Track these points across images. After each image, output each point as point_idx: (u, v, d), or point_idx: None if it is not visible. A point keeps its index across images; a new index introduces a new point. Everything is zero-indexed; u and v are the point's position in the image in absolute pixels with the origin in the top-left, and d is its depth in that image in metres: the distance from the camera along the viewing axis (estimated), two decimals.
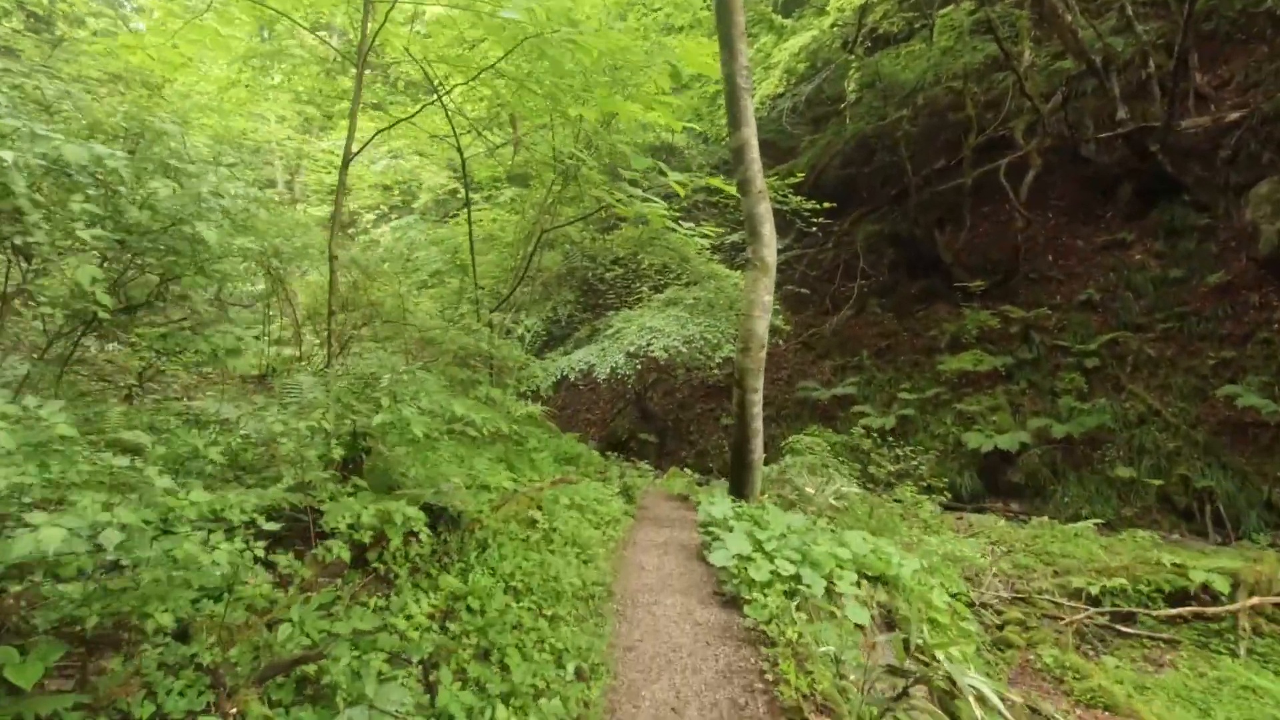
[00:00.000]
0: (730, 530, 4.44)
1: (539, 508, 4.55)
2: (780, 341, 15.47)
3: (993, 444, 11.33)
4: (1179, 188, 13.15)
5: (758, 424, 6.38)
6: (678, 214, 8.74)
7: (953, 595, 5.80)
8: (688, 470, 13.74)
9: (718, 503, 4.75)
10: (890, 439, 12.84)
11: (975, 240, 15.66)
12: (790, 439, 9.40)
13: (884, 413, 13.19)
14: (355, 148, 5.84)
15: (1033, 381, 12.47)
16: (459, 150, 6.86)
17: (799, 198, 9.74)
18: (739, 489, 6.35)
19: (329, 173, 14.67)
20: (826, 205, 10.49)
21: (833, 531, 4.77)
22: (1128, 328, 12.26)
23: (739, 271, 10.54)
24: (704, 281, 10.85)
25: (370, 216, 22.41)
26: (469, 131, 6.90)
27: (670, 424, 15.38)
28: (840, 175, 19.03)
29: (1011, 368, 12.68)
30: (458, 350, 5.65)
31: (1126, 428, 11.01)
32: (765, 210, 5.68)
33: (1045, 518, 9.70)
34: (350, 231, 26.46)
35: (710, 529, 4.80)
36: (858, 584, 4.12)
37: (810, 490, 5.58)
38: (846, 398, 13.77)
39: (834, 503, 5.41)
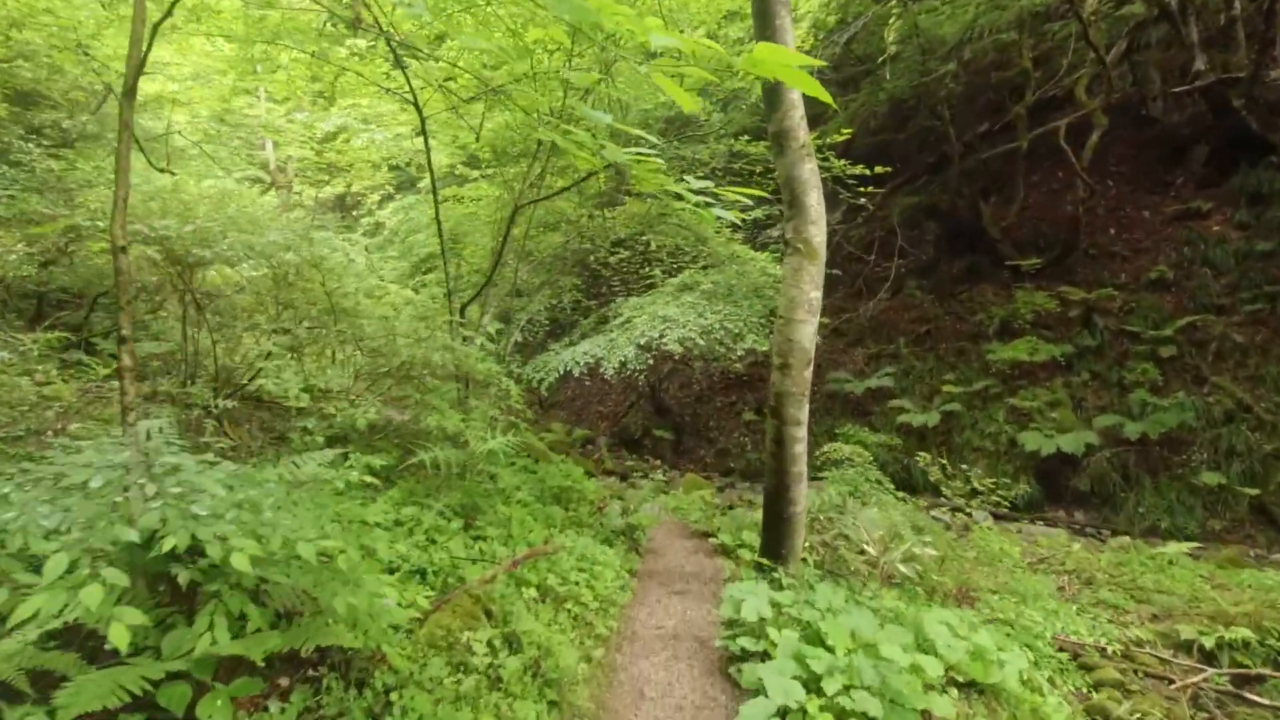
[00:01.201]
0: (771, 646, 3.13)
1: (487, 612, 3.33)
2: None
3: (1054, 446, 9.95)
4: (1265, 148, 11.52)
5: (800, 466, 4.43)
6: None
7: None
8: (707, 475, 12.51)
9: (749, 595, 3.38)
10: (934, 439, 11.53)
11: (1024, 213, 14.09)
12: (827, 447, 8.09)
13: (924, 408, 11.83)
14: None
15: (1096, 373, 11.03)
16: (415, 106, 5.55)
17: (842, 161, 8.31)
18: (774, 549, 4.62)
19: (312, 149, 13.45)
20: (878, 170, 8.98)
21: (907, 604, 3.54)
22: (1208, 310, 10.76)
23: (764, 253, 9.13)
24: (724, 265, 9.49)
25: (375, 197, 21.30)
26: (430, 87, 5.63)
27: (687, 419, 14.13)
28: (872, 143, 17.46)
29: (1071, 357, 11.23)
30: (405, 363, 4.44)
31: (1212, 426, 9.58)
32: (809, 173, 3.89)
33: (1127, 537, 8.36)
34: (355, 214, 25.41)
35: (739, 639, 3.44)
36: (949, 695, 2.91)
37: (872, 550, 4.32)
38: (882, 390, 12.41)
39: (902, 568, 4.13)
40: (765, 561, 4.57)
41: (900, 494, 7.85)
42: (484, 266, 10.30)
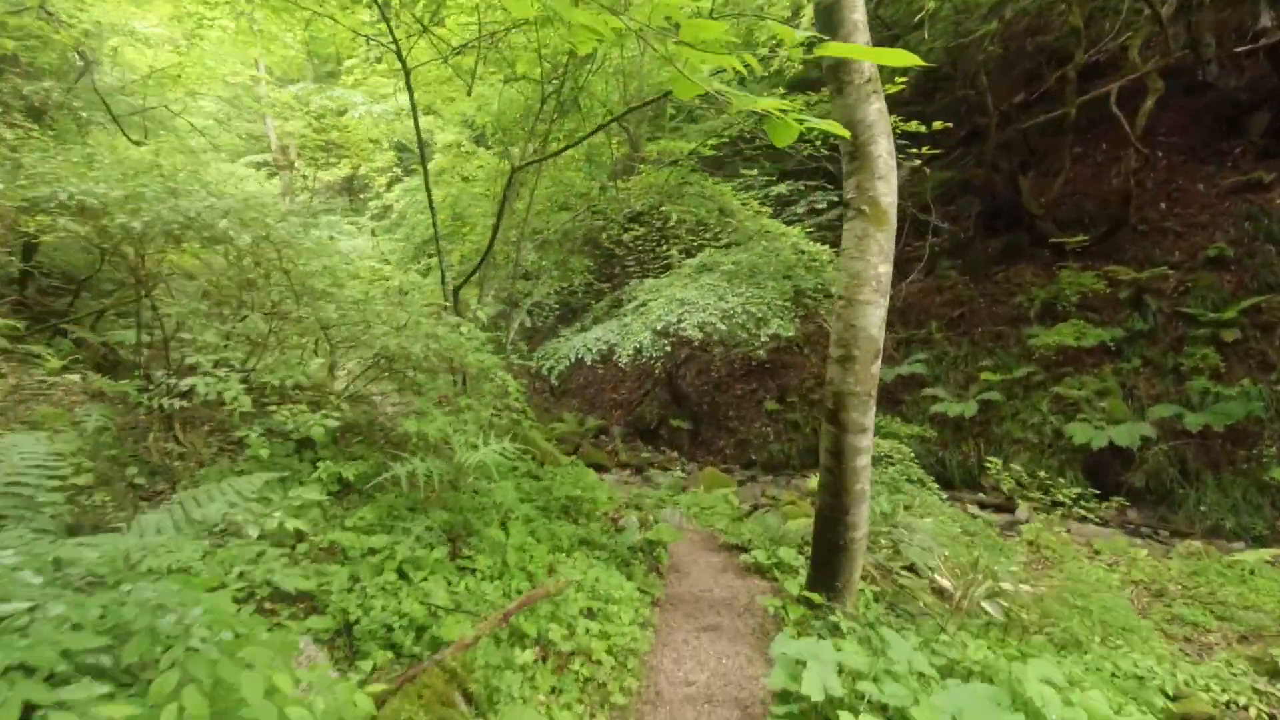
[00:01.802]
0: None
1: (466, 694, 2.38)
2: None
3: (1105, 438, 9.16)
4: None
5: (863, 483, 3.56)
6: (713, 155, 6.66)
7: None
8: (727, 467, 11.83)
9: (809, 658, 2.54)
10: (970, 430, 10.78)
11: (1065, 187, 13.17)
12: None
13: (960, 396, 11.06)
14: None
15: (1149, 359, 10.19)
16: (398, 55, 4.82)
17: (893, 118, 7.48)
18: (826, 580, 3.77)
19: (309, 124, 12.75)
20: (938, 126, 8.06)
21: (995, 652, 2.87)
22: (1273, 289, 9.87)
23: (796, 228, 8.34)
24: (749, 242, 8.72)
25: (383, 180, 20.66)
26: (414, 33, 4.89)
27: (706, 408, 13.43)
28: (901, 115, 16.53)
29: (1121, 341, 10.39)
30: (381, 355, 3.78)
31: None
32: (877, 114, 3.13)
33: (1197, 542, 7.59)
34: (363, 196, 24.77)
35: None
36: None
37: (946, 582, 3.62)
38: (914, 378, 11.64)
39: (988, 607, 3.41)
40: (815, 597, 3.74)
41: (940, 492, 7.14)
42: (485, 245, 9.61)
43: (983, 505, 9.79)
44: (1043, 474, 8.62)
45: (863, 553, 3.47)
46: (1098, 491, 9.63)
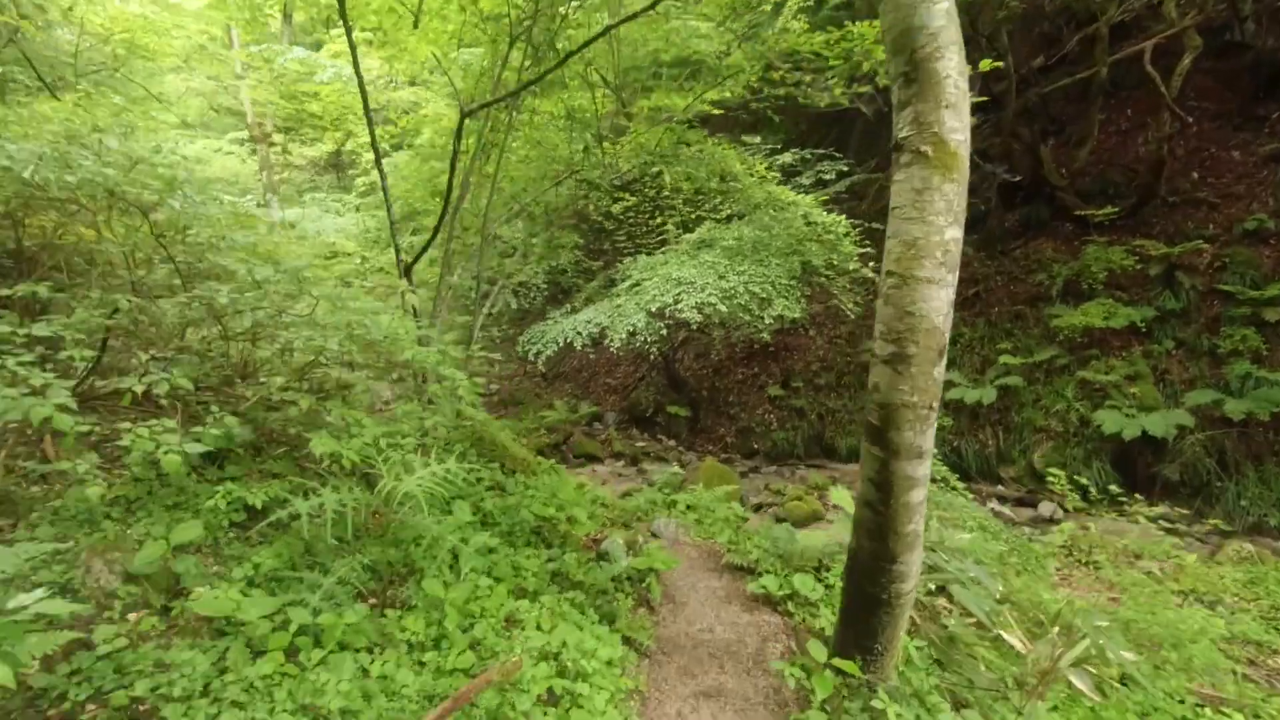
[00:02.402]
0: None
1: None
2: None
3: (1138, 427, 8.45)
4: None
5: (916, 523, 2.77)
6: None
7: None
8: (728, 457, 11.13)
9: None
10: (987, 417, 10.07)
11: (1088, 156, 12.34)
12: None
13: (976, 381, 10.33)
14: None
15: (1182, 340, 9.46)
16: None
17: None
18: (862, 642, 2.91)
19: (277, 89, 11.85)
20: (986, 66, 7.09)
21: None
22: None
23: (808, 196, 7.50)
24: (755, 213, 7.90)
25: (370, 156, 19.70)
26: None
27: (705, 393, 12.69)
28: None
29: (1152, 322, 9.64)
30: (285, 348, 3.03)
31: None
32: (945, 18, 2.31)
33: (1248, 545, 6.90)
34: (350, 173, 23.80)
35: None
36: None
37: (1017, 643, 2.86)
38: None
39: (1075, 680, 2.67)
40: (848, 666, 2.85)
41: (965, 491, 6.43)
42: (466, 224, 8.76)
43: (1002, 499, 9.12)
44: (1079, 473, 7.91)
45: (910, 607, 2.70)
46: (1126, 484, 8.98)
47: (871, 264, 7.84)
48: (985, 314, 11.27)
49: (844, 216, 7.44)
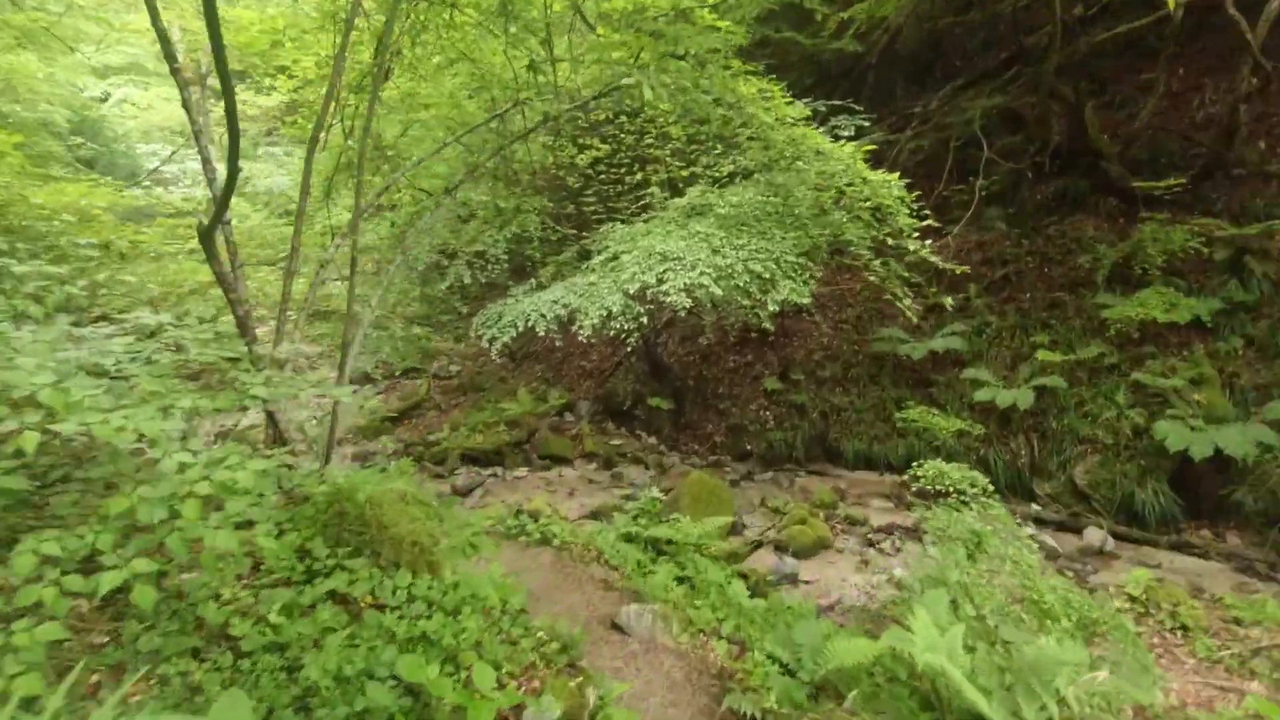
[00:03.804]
0: None
1: None
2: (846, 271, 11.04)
3: (1209, 444, 7.05)
4: None
5: None
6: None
7: None
8: (717, 459, 9.65)
9: None
10: (1020, 423, 8.66)
11: (1128, 119, 10.80)
12: (919, 471, 5.12)
13: (1008, 381, 8.90)
14: None
15: (1252, 338, 8.07)
16: None
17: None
18: None
19: None
20: None
21: None
22: None
23: (851, 145, 5.78)
24: (771, 169, 6.26)
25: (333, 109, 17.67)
26: None
27: (691, 383, 11.17)
28: (925, 34, 13.98)
29: (1218, 316, 8.23)
30: None
31: None
32: None
33: None
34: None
35: None
36: None
37: None
38: (950, 355, 9.43)
39: None
40: None
41: (1029, 541, 4.95)
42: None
43: (1040, 521, 7.74)
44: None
45: None
46: (1187, 509, 7.65)
47: (929, 243, 6.22)
48: (1016, 300, 9.80)
49: (896, 174, 5.83)
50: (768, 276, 7.11)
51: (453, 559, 2.92)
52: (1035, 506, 8.08)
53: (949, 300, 6.71)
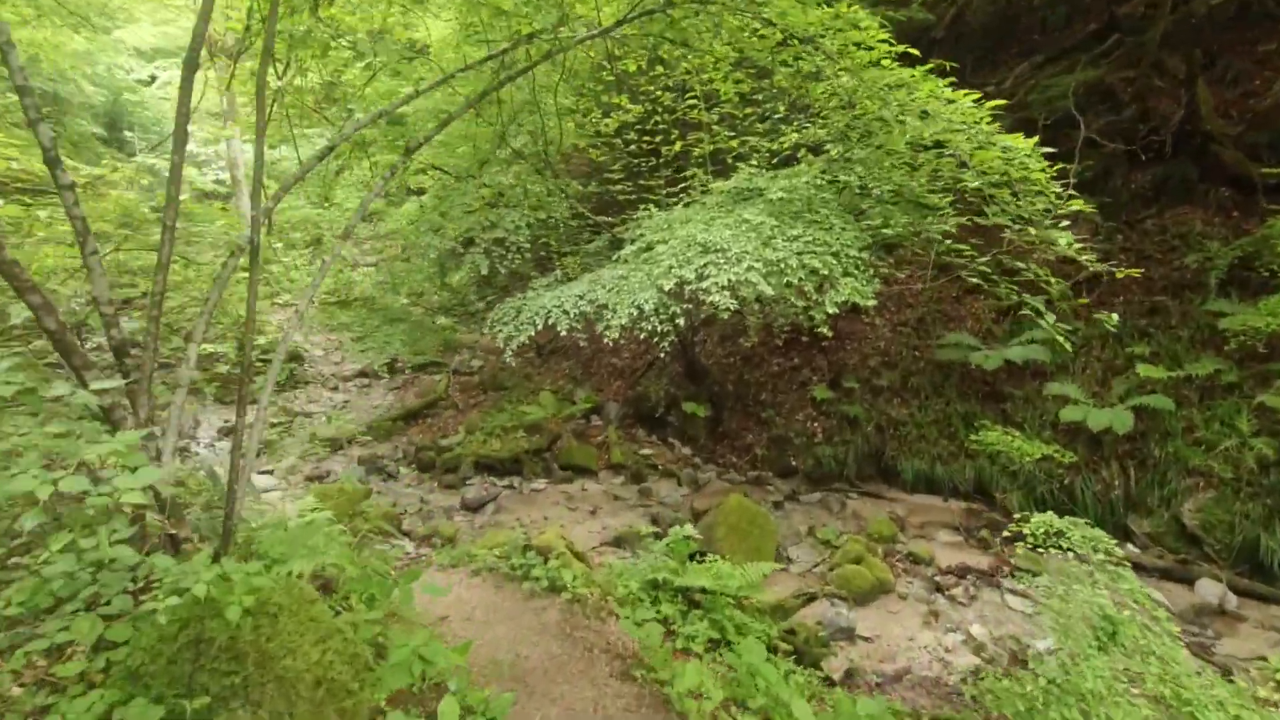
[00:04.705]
0: None
1: None
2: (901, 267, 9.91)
3: None
4: None
5: None
6: None
7: None
8: (758, 475, 8.65)
9: None
10: (1114, 449, 7.49)
11: (1246, 97, 9.39)
12: (1033, 523, 4.06)
13: (1099, 399, 7.70)
14: None
15: None
16: None
17: None
18: None
19: None
20: None
21: None
22: None
23: (973, 100, 4.60)
24: (843, 140, 5.19)
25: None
26: None
27: (730, 388, 10.16)
28: (995, 9, 12.69)
29: None
30: None
31: None
32: None
33: None
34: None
35: None
36: None
37: None
38: (1028, 367, 8.26)
39: None
40: None
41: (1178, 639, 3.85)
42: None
43: (1138, 568, 6.56)
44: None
45: None
46: None
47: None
48: (1108, 305, 8.54)
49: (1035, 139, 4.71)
50: (826, 273, 6.09)
51: (394, 683, 2.04)
52: (1132, 548, 6.91)
53: (1112, 318, 5.52)
